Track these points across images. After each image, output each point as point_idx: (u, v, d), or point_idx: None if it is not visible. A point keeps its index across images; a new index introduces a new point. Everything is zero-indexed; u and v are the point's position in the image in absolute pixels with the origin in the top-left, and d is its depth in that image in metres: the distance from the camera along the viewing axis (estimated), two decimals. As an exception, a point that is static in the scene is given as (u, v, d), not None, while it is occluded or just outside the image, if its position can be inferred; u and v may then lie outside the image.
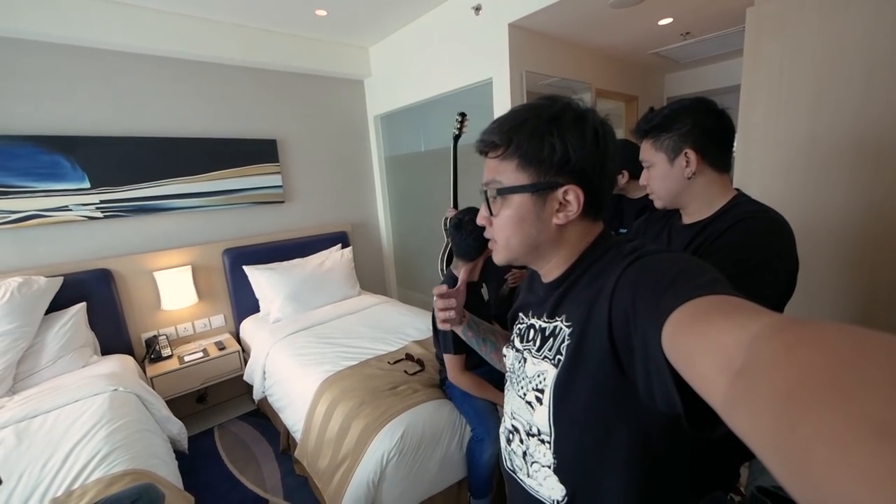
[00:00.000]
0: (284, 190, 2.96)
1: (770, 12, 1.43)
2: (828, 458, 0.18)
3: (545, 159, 0.55)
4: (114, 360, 2.15)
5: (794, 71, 1.41)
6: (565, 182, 0.56)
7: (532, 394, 0.61)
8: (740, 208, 0.86)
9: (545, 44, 2.41)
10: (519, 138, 0.56)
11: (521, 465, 0.64)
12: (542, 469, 0.60)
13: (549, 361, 0.58)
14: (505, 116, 0.59)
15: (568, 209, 0.57)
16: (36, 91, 2.10)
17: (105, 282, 2.28)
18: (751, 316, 0.31)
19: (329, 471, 1.54)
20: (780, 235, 0.82)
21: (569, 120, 0.55)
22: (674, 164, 0.89)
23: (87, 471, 1.35)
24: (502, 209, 0.59)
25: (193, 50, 2.45)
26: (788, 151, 1.46)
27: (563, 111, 0.56)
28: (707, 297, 0.38)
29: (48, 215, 2.15)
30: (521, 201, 0.57)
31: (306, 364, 2.01)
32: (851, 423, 0.18)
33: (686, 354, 0.35)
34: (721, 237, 0.84)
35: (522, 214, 0.58)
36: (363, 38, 3.01)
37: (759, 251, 0.79)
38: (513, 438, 0.67)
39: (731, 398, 0.27)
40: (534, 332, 0.63)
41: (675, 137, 0.88)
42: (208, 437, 2.32)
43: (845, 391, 0.19)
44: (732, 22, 2.43)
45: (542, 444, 0.60)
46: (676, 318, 0.38)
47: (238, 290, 2.74)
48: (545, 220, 0.58)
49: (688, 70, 3.65)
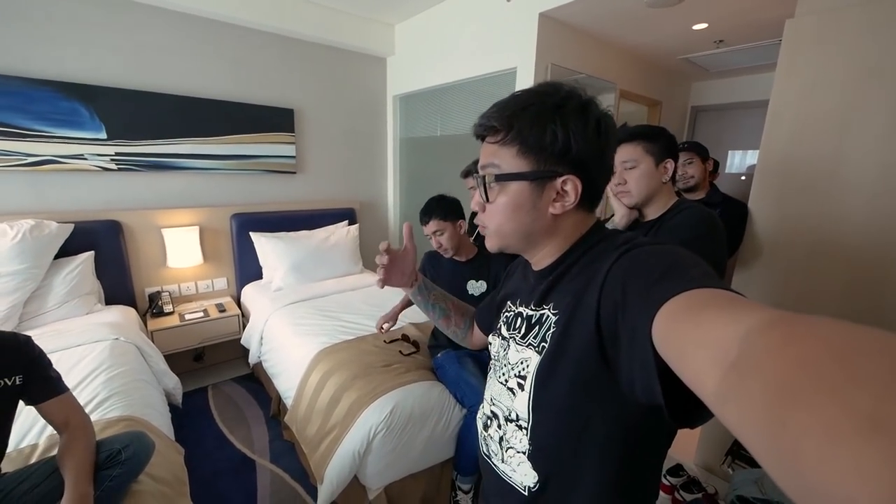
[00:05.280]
0: (297, 161, 2.96)
1: (810, 25, 1.39)
2: (818, 452, 0.18)
3: (546, 147, 0.54)
4: (117, 311, 2.19)
5: (826, 88, 1.37)
6: (565, 172, 0.55)
7: (514, 380, 0.60)
8: (685, 204, 1.14)
9: (574, 37, 2.37)
10: (521, 124, 0.55)
11: (497, 451, 0.65)
12: (517, 455, 0.60)
13: (532, 349, 0.58)
14: (506, 100, 0.57)
15: (565, 199, 0.56)
16: (58, 36, 2.10)
17: (114, 233, 2.31)
18: (745, 310, 0.31)
19: (317, 438, 1.57)
20: (709, 222, 1.07)
21: (572, 108, 0.54)
22: (657, 168, 1.11)
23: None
24: (499, 195, 0.58)
25: (220, 10, 2.43)
26: (811, 172, 1.44)
27: (567, 99, 0.55)
28: (700, 290, 0.37)
29: (64, 162, 2.17)
30: (519, 189, 0.56)
31: (304, 334, 2.04)
32: (841, 417, 0.18)
33: (678, 347, 0.35)
34: (668, 223, 1.11)
35: (519, 202, 0.57)
36: (390, 15, 2.97)
37: (692, 231, 1.05)
38: (490, 424, 0.67)
39: (723, 392, 0.27)
40: (520, 321, 0.63)
41: (660, 147, 1.11)
42: (202, 395, 2.37)
43: (836, 386, 0.20)
44: (769, 34, 2.37)
45: (518, 430, 0.60)
46: (668, 309, 0.38)
47: (243, 255, 2.77)
48: (541, 209, 0.57)
49: (716, 80, 3.57)
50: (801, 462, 0.19)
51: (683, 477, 1.67)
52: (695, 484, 1.64)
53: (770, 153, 1.52)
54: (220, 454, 1.91)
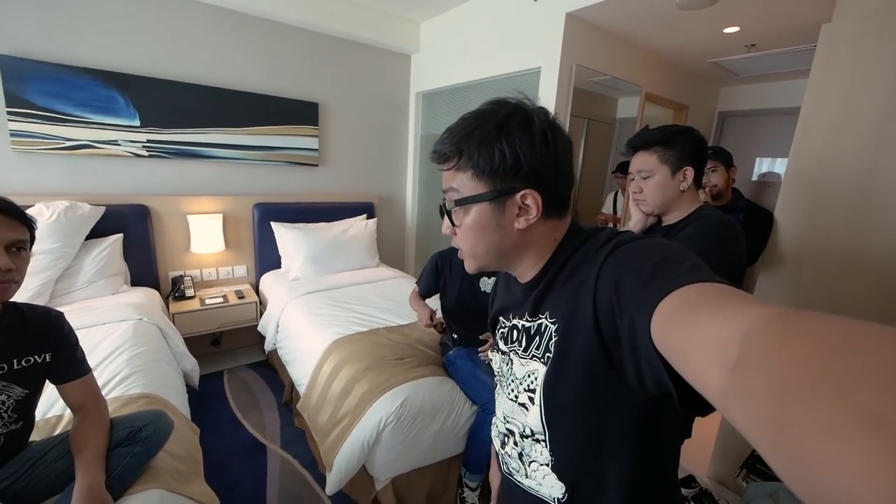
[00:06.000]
0: (320, 154, 3.01)
1: (848, 30, 1.35)
2: (821, 451, 0.18)
3: (497, 167, 0.54)
4: (141, 292, 2.27)
5: (862, 96, 1.33)
6: (522, 187, 0.55)
7: (524, 395, 0.60)
8: (702, 212, 1.09)
9: (600, 38, 2.34)
10: (469, 149, 0.55)
11: (518, 467, 0.64)
12: (541, 468, 0.60)
13: (538, 360, 0.57)
14: (454, 126, 0.58)
15: (528, 213, 0.56)
16: (100, 25, 2.19)
17: (142, 217, 2.39)
18: (740, 307, 0.31)
19: (328, 426, 1.60)
20: (724, 231, 1.03)
21: (515, 125, 0.54)
22: (674, 177, 1.07)
23: (108, 388, 1.45)
24: (463, 219, 0.58)
25: (253, 5, 2.49)
26: (842, 182, 1.39)
27: (510, 117, 0.55)
28: (693, 285, 0.37)
29: (99, 146, 2.25)
30: (481, 210, 0.56)
31: (319, 324, 2.07)
32: (843, 415, 0.18)
33: (678, 348, 0.35)
34: (680, 231, 1.07)
35: (483, 222, 0.57)
36: (416, 13, 2.99)
37: (704, 240, 1.01)
38: (507, 442, 0.66)
39: (727, 392, 0.27)
40: (517, 332, 0.63)
41: (678, 154, 1.06)
42: (217, 379, 2.44)
43: (837, 384, 0.20)
44: (803, 39, 2.30)
45: (537, 444, 0.59)
46: (664, 310, 0.38)
47: (263, 245, 2.83)
48: (506, 227, 0.57)
49: (745, 85, 3.47)
50: (806, 461, 0.19)
51: (695, 489, 1.64)
52: (706, 496, 1.61)
53: (800, 161, 1.48)
54: (233, 437, 1.96)
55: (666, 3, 1.96)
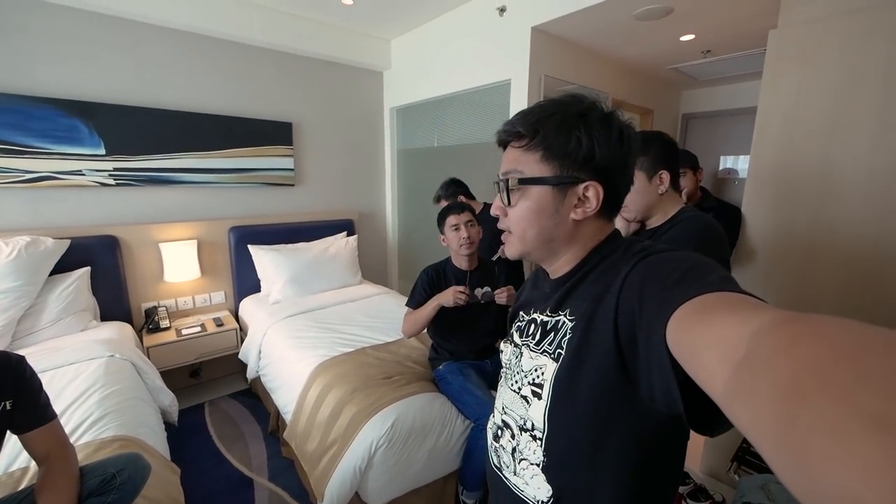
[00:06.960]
0: (296, 173, 2.97)
1: (792, 35, 1.43)
2: (825, 450, 0.18)
3: (570, 153, 0.55)
4: (112, 327, 2.16)
5: (811, 96, 1.41)
6: (587, 178, 0.56)
7: (528, 388, 0.60)
8: (684, 214, 1.11)
9: (566, 50, 2.41)
10: (546, 130, 0.56)
11: (509, 462, 0.63)
12: (531, 467, 0.59)
13: (548, 356, 0.57)
14: (530, 108, 0.59)
15: (587, 205, 0.57)
16: (58, 53, 2.12)
17: (111, 248, 2.29)
18: (755, 311, 0.31)
19: (317, 454, 1.55)
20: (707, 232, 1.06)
21: (596, 117, 0.56)
22: (651, 181, 1.09)
23: (78, 433, 1.36)
24: (521, 200, 0.59)
25: (217, 27, 2.47)
26: (801, 177, 1.46)
27: (591, 109, 0.56)
28: (713, 293, 0.38)
29: (61, 178, 2.16)
30: (541, 193, 0.57)
31: (302, 347, 2.02)
32: (849, 416, 0.18)
33: (689, 348, 0.35)
34: (664, 234, 1.09)
35: (541, 206, 0.58)
36: (386, 30, 3.02)
37: (688, 243, 1.03)
38: (501, 434, 0.65)
39: (732, 390, 0.27)
40: (534, 327, 0.63)
41: (651, 159, 1.08)
42: (198, 412, 2.33)
43: (843, 385, 0.20)
44: (754, 43, 2.43)
45: (533, 441, 0.59)
46: (681, 313, 0.38)
47: (241, 269, 2.75)
48: (562, 215, 0.57)
49: (705, 88, 3.64)
50: (809, 462, 0.19)
51: (690, 485, 1.65)
52: (701, 492, 1.62)
53: (760, 159, 1.55)
54: (217, 473, 1.87)
55: (625, 14, 2.04)
